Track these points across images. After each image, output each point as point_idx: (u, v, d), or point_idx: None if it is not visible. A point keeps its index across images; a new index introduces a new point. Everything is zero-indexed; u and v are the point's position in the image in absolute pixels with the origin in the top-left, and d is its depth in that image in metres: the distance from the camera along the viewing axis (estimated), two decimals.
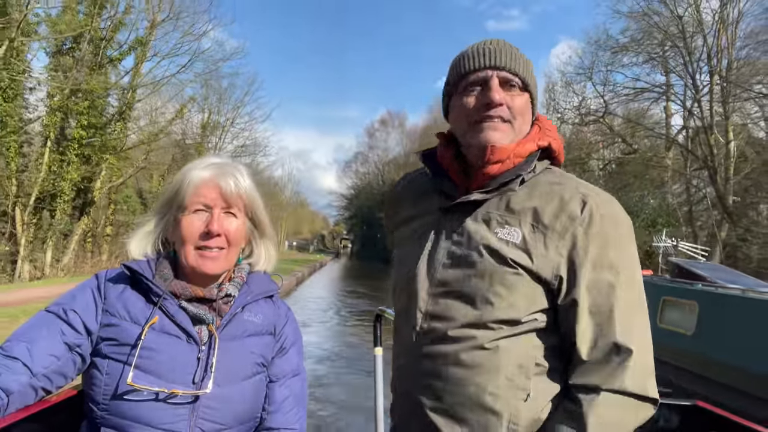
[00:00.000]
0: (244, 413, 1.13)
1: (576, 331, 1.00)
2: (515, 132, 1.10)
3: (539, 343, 1.04)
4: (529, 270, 1.02)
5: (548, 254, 1.02)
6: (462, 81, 1.12)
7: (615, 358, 0.97)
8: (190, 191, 1.13)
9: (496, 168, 1.08)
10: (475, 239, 1.06)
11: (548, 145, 1.13)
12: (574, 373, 1.00)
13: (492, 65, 1.08)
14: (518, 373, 1.02)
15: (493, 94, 1.06)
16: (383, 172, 71.12)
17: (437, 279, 1.08)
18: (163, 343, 1.06)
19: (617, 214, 1.06)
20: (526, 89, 1.12)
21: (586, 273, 1.00)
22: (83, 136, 17.21)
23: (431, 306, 1.08)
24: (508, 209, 1.08)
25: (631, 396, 0.96)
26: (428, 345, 1.07)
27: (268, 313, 1.23)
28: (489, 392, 1.01)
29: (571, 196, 1.05)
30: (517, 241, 1.04)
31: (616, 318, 0.99)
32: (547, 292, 1.03)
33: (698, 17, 21.86)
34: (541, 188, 1.09)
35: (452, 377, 1.03)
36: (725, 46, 21.68)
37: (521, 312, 1.02)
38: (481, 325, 1.02)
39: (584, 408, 0.96)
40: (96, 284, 1.12)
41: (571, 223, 1.03)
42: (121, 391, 1.01)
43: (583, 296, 1.00)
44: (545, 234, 1.03)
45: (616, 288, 1.00)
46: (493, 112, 1.07)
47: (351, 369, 10.01)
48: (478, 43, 1.13)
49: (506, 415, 1.00)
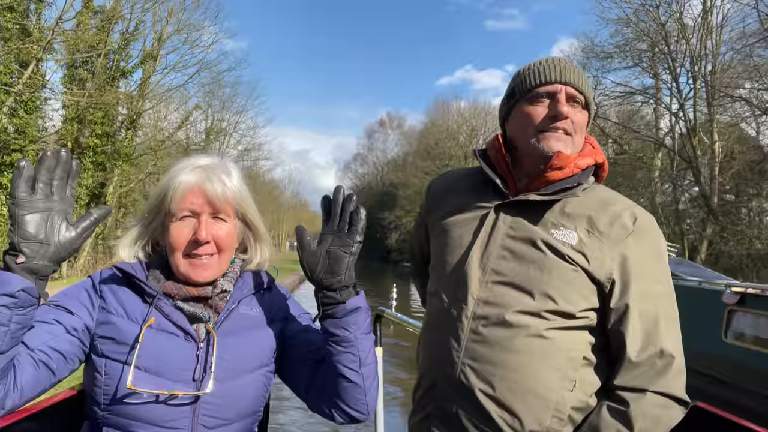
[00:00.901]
0: (246, 408, 1.12)
1: (625, 334, 1.06)
2: (574, 145, 1.17)
3: (589, 338, 1.10)
4: (585, 269, 1.08)
5: (603, 258, 1.08)
6: (531, 91, 1.18)
7: (660, 363, 1.03)
8: (176, 198, 1.11)
9: (557, 174, 1.14)
10: (533, 236, 1.12)
11: (602, 163, 1.22)
12: (621, 374, 1.05)
13: (561, 80, 1.15)
14: (567, 364, 1.07)
15: (562, 106, 1.14)
16: (382, 172, 71.87)
17: (491, 268, 1.13)
18: (161, 342, 1.06)
19: (658, 231, 1.15)
20: (587, 107, 1.20)
21: (637, 281, 1.07)
22: (97, 144, 18.24)
23: (485, 293, 1.12)
24: (562, 214, 1.14)
25: (673, 398, 1.03)
26: (481, 330, 1.10)
27: (266, 304, 1.22)
28: (539, 379, 1.06)
29: (623, 209, 1.13)
30: (573, 243, 1.09)
31: (661, 325, 1.06)
32: (598, 292, 1.09)
33: (681, 23, 22.76)
34: (594, 199, 1.16)
35: (505, 362, 1.06)
36: (709, 51, 22.58)
37: (576, 307, 1.07)
38: (537, 315, 1.07)
39: (632, 407, 1.01)
40: (91, 284, 1.12)
41: (625, 233, 1.10)
42: (122, 394, 1.01)
43: (635, 302, 1.06)
44: (600, 240, 1.10)
45: (662, 298, 1.08)
46: (559, 123, 1.14)
47: None
48: (548, 58, 1.20)
49: (553, 403, 1.05)
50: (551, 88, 1.15)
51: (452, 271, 1.18)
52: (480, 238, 1.16)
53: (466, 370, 1.09)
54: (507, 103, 1.25)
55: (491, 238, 1.15)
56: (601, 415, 1.03)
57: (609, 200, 1.16)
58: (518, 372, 1.05)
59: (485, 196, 1.22)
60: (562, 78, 1.14)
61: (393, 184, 59.50)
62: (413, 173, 50.33)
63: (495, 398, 1.05)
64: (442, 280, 1.22)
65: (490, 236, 1.15)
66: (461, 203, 1.26)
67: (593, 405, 1.07)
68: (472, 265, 1.14)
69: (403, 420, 6.52)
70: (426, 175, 48.01)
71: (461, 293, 1.14)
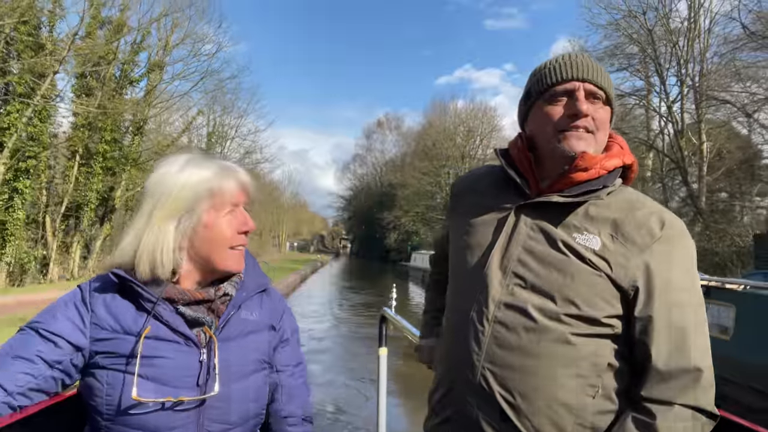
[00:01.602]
0: (249, 410, 1.13)
1: (651, 344, 1.02)
2: (597, 143, 1.13)
3: (613, 345, 1.06)
4: (608, 276, 1.04)
5: (627, 265, 1.04)
6: (548, 91, 1.14)
7: (688, 375, 1.00)
8: (227, 192, 1.12)
9: (582, 176, 1.11)
10: (555, 239, 1.08)
11: (631, 164, 1.17)
12: (647, 385, 1.02)
13: (579, 77, 1.11)
14: (591, 370, 1.04)
15: (581, 104, 1.10)
16: (381, 173, 72.18)
17: (512, 271, 1.10)
18: (162, 350, 1.04)
19: (688, 237, 1.09)
20: (609, 103, 1.15)
21: (664, 290, 1.03)
22: (107, 150, 19.07)
23: (506, 296, 1.09)
24: (586, 217, 1.10)
25: (701, 412, 0.99)
26: (502, 334, 1.07)
27: (264, 308, 1.22)
28: (561, 385, 1.03)
29: (650, 213, 1.08)
30: (595, 248, 1.06)
31: (690, 336, 1.02)
32: (623, 299, 1.05)
33: (668, 28, 23.48)
34: (620, 202, 1.11)
35: (526, 368, 1.04)
36: (697, 54, 23.27)
37: (599, 312, 1.04)
38: (560, 320, 1.04)
39: (658, 420, 0.98)
40: (80, 297, 1.09)
41: (651, 239, 1.05)
42: (126, 405, 1.00)
43: (660, 312, 1.02)
44: (625, 245, 1.05)
45: (690, 308, 1.04)
46: (579, 122, 1.11)
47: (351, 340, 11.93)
48: (564, 54, 1.16)
49: (575, 410, 1.03)
50: (569, 86, 1.12)
51: (472, 274, 1.16)
52: (501, 240, 1.14)
53: (487, 375, 1.07)
54: (525, 104, 1.22)
55: (512, 240, 1.13)
56: (626, 427, 1.00)
57: (636, 204, 1.11)
58: (539, 377, 1.03)
59: (506, 197, 1.20)
60: (579, 74, 1.11)
61: (392, 185, 59.73)
62: (411, 174, 50.69)
63: (515, 404, 1.04)
64: (462, 283, 1.20)
65: (511, 238, 1.13)
66: (482, 203, 1.24)
67: (616, 409, 1.05)
68: (493, 267, 1.12)
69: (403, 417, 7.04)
70: (424, 176, 48.56)
71: (482, 296, 1.11)
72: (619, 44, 25.44)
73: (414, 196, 50.05)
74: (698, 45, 23.07)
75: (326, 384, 9.24)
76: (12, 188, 15.57)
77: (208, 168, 1.13)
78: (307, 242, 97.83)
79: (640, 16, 23.79)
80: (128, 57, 19.52)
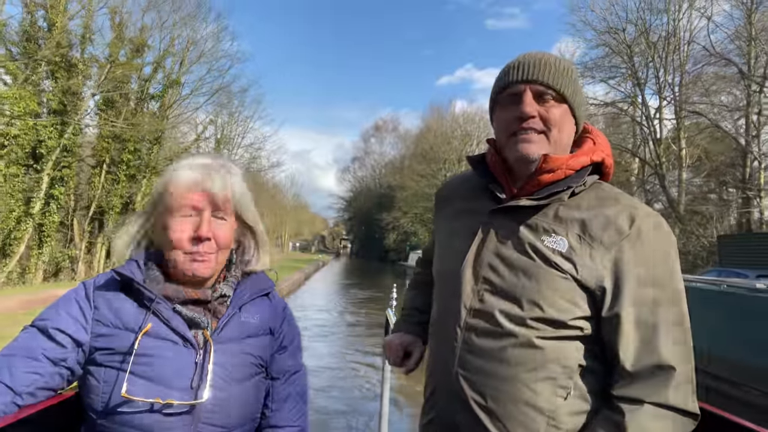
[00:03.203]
0: (245, 414, 1.12)
1: (619, 343, 1.02)
2: (551, 142, 1.13)
3: (582, 346, 1.06)
4: (574, 278, 1.04)
5: (594, 265, 1.04)
6: (500, 95, 1.17)
7: (658, 373, 0.99)
8: (178, 194, 1.10)
9: (547, 177, 1.11)
10: (523, 243, 1.09)
11: (602, 161, 1.16)
12: (617, 384, 1.02)
13: (524, 79, 1.12)
14: (561, 372, 1.04)
15: (525, 107, 1.11)
16: (380, 175, 73.71)
17: (482, 276, 1.11)
18: (159, 348, 1.04)
19: (664, 231, 1.08)
20: (564, 100, 1.13)
21: (630, 288, 1.02)
22: (130, 159, 20.95)
23: (476, 303, 1.10)
24: (556, 218, 1.10)
25: (674, 410, 0.98)
26: (472, 340, 1.09)
27: (266, 312, 1.21)
28: (531, 389, 1.03)
29: (620, 211, 1.07)
30: (562, 250, 1.06)
31: (660, 334, 1.00)
32: (590, 301, 1.05)
33: (648, 42, 25.12)
34: (589, 201, 1.11)
35: (495, 372, 1.05)
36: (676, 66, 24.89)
37: (566, 315, 1.04)
38: (526, 324, 1.05)
39: (627, 419, 0.97)
40: (83, 294, 1.09)
41: (619, 237, 1.05)
42: (116, 402, 1.00)
43: (627, 311, 1.02)
44: (591, 246, 1.05)
45: (661, 304, 1.02)
46: (525, 124, 1.11)
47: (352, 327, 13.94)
48: (516, 57, 1.17)
49: (546, 411, 1.03)
50: (514, 89, 1.13)
51: (448, 280, 1.18)
52: (474, 246, 1.14)
53: (461, 380, 1.08)
54: (490, 110, 1.25)
55: (484, 245, 1.13)
56: (597, 426, 1.01)
57: (607, 201, 1.10)
58: (509, 382, 1.04)
59: (482, 202, 1.20)
60: (525, 76, 1.12)
61: (390, 187, 61.22)
62: (410, 176, 52.21)
63: (488, 408, 1.05)
64: (442, 288, 1.22)
65: (484, 243, 1.14)
66: (460, 209, 1.26)
67: (591, 408, 1.05)
68: (466, 273, 1.13)
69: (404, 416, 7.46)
70: (421, 178, 50.04)
71: (455, 303, 1.13)
72: (606, 56, 27.06)
73: (412, 198, 51.56)
74: (679, 57, 24.62)
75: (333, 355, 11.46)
76: (49, 195, 17.41)
77: (181, 168, 1.13)
78: (308, 243, 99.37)
79: (621, 32, 25.47)
80: (150, 75, 21.43)
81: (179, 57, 22.92)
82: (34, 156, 16.85)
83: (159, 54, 21.66)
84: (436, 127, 54.27)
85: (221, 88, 24.56)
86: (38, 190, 16.88)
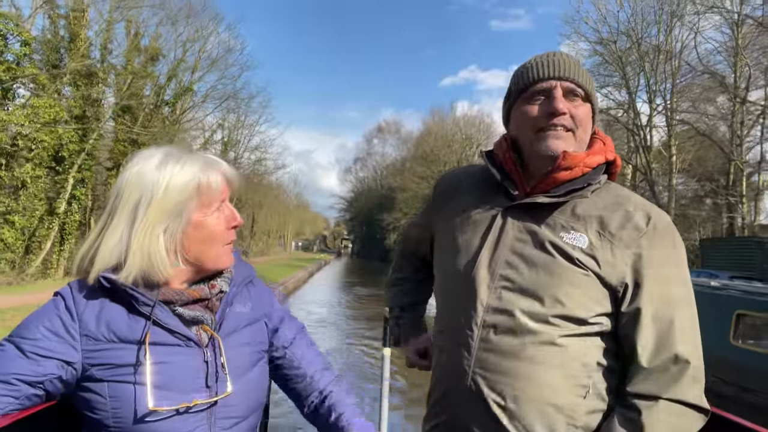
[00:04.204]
0: (256, 401, 1.14)
1: (637, 339, 1.03)
2: (577, 141, 1.13)
3: (602, 344, 1.07)
4: (596, 274, 1.05)
5: (615, 262, 1.05)
6: (526, 90, 1.15)
7: (674, 369, 1.00)
8: (215, 191, 1.08)
9: (564, 175, 1.11)
10: (542, 240, 1.09)
11: (613, 160, 1.17)
12: (633, 380, 1.03)
13: (556, 75, 1.12)
14: (581, 371, 1.04)
15: (557, 103, 1.10)
16: (381, 176, 74.08)
17: (500, 273, 1.10)
18: (166, 354, 1.01)
19: (675, 232, 1.10)
20: (588, 100, 1.15)
21: (650, 285, 1.04)
22: None
23: (494, 300, 1.09)
24: (573, 215, 1.10)
25: (689, 406, 0.99)
26: (491, 338, 1.07)
27: (254, 298, 1.22)
28: (550, 386, 1.03)
29: (636, 209, 1.09)
30: (583, 246, 1.06)
31: (676, 330, 1.02)
32: (611, 297, 1.06)
33: (639, 53, 26.08)
34: (605, 199, 1.12)
35: (516, 371, 1.04)
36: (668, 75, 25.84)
37: (588, 312, 1.04)
38: (548, 322, 1.04)
39: (643, 415, 0.98)
40: (64, 306, 1.00)
41: (638, 234, 1.06)
42: (141, 415, 0.97)
43: (647, 306, 1.03)
44: (612, 242, 1.06)
45: (677, 302, 1.04)
46: (556, 120, 1.11)
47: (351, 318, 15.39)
48: (542, 54, 1.16)
49: (566, 410, 1.03)
50: (546, 84, 1.12)
51: (460, 276, 1.16)
52: (488, 243, 1.14)
53: (477, 380, 1.07)
54: (506, 104, 1.24)
55: (500, 242, 1.13)
56: (613, 423, 1.02)
57: (622, 200, 1.12)
58: (529, 381, 1.04)
59: (494, 198, 1.20)
60: (556, 73, 1.12)
61: (391, 188, 61.74)
62: (410, 178, 52.98)
63: (506, 408, 1.04)
64: (452, 286, 1.20)
65: (499, 240, 1.13)
66: (469, 204, 1.24)
67: (608, 408, 1.06)
68: (481, 270, 1.12)
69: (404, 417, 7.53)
70: (422, 180, 50.92)
71: (470, 300, 1.11)
72: (600, 64, 28.04)
73: (412, 200, 52.37)
74: (669, 68, 25.52)
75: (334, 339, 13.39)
76: (71, 195, 18.59)
77: (191, 164, 1.06)
78: (310, 242, 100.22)
79: (611, 44, 26.52)
80: (165, 83, 22.65)
81: (192, 66, 24.18)
82: (56, 159, 18.03)
83: (173, 63, 22.88)
84: (437, 130, 55.16)
85: (231, 96, 25.82)
86: (64, 192, 18.12)
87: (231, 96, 25.83)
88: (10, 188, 16.65)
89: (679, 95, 25.46)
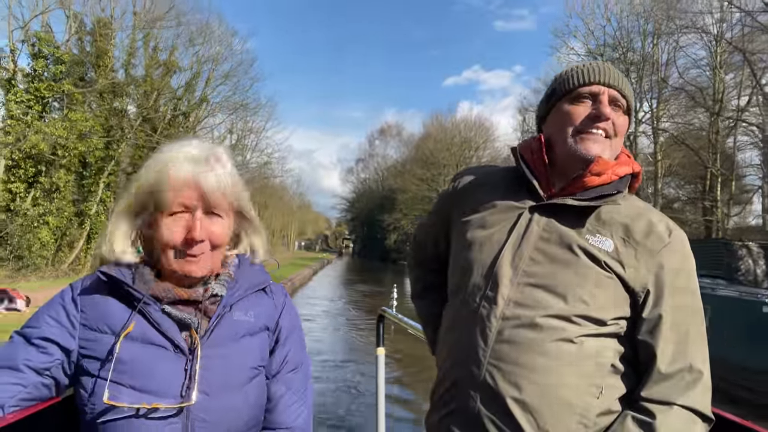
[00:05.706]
0: (248, 420, 1.08)
1: (656, 345, 1.05)
2: (612, 149, 1.16)
3: (617, 346, 1.09)
4: (620, 277, 1.07)
5: (639, 268, 1.08)
6: (572, 92, 1.17)
7: (689, 377, 1.03)
8: (169, 192, 1.02)
9: (594, 180, 1.13)
10: (569, 240, 1.11)
11: (638, 173, 1.20)
12: (649, 385, 1.04)
13: (605, 82, 1.15)
14: (595, 370, 1.06)
15: (604, 107, 1.13)
16: (382, 177, 75.18)
17: (522, 269, 1.12)
18: (145, 353, 0.99)
19: (689, 247, 1.14)
20: (628, 113, 1.19)
21: (671, 294, 1.07)
22: None
23: (516, 294, 1.10)
24: (598, 220, 1.13)
25: (698, 414, 1.02)
26: (510, 331, 1.09)
27: (263, 308, 1.16)
28: (566, 383, 1.05)
29: (658, 220, 1.13)
30: (609, 250, 1.09)
31: (691, 340, 1.06)
32: (631, 301, 1.08)
33: (626, 64, 27.42)
34: (628, 208, 1.15)
35: (532, 364, 1.06)
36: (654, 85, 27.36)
37: (608, 314, 1.07)
38: (570, 320, 1.06)
39: (657, 419, 1.00)
40: (70, 297, 1.05)
41: (660, 244, 1.09)
42: (101, 409, 0.96)
43: (668, 314, 1.06)
44: (636, 249, 1.09)
45: (693, 312, 1.09)
46: (600, 124, 1.14)
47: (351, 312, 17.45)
48: (591, 61, 1.21)
49: (579, 409, 1.04)
50: (594, 88, 1.15)
51: (481, 270, 1.17)
52: (513, 239, 1.15)
53: (493, 371, 1.08)
54: (546, 104, 1.25)
55: (524, 239, 1.14)
56: (626, 425, 1.03)
57: (644, 211, 1.15)
58: (545, 376, 1.05)
59: (518, 196, 1.21)
60: (605, 80, 1.15)
61: (392, 189, 63.01)
62: (411, 180, 54.36)
63: (520, 401, 1.05)
64: (470, 278, 1.19)
65: (524, 237, 1.14)
66: (493, 200, 1.25)
67: (617, 411, 1.07)
68: (504, 265, 1.13)
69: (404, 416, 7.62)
70: (421, 182, 52.45)
71: (491, 293, 1.12)
72: None
73: (412, 201, 53.90)
74: (653, 79, 27.01)
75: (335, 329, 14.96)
76: (100, 199, 20.40)
77: (172, 160, 1.04)
78: (312, 242, 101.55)
79: (599, 57, 28.11)
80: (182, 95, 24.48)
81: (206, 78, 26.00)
82: (83, 165, 19.80)
83: (190, 77, 24.68)
84: (436, 134, 56.51)
85: (241, 105, 27.63)
86: (94, 195, 19.95)
87: (241, 106, 27.63)
88: (45, 192, 18.43)
89: (665, 103, 26.99)
